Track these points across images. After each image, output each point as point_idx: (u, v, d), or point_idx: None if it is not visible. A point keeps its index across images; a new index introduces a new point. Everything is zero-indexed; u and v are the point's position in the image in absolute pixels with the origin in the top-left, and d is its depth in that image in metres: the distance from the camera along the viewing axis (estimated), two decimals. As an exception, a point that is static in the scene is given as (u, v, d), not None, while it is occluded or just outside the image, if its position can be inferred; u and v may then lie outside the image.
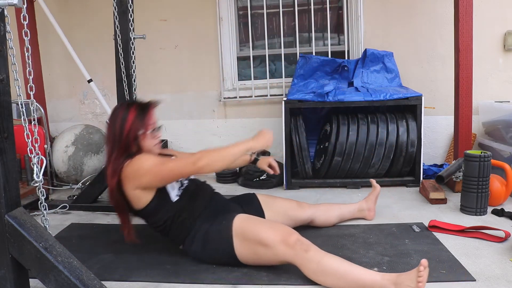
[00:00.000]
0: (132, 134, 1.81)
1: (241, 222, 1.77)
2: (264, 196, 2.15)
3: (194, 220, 1.85)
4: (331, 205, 2.32)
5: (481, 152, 2.35)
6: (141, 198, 1.82)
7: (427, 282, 1.61)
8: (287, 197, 2.25)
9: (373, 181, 2.41)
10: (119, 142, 1.80)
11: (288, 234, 1.66)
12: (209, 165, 1.73)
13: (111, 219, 2.55)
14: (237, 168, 3.42)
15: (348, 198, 2.71)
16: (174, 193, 1.87)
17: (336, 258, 1.63)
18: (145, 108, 1.87)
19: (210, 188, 2.07)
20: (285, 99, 2.97)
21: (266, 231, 1.69)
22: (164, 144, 3.53)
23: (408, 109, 2.98)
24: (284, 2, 3.47)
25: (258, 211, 2.04)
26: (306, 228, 2.22)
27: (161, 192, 1.84)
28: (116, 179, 1.79)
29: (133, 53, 2.56)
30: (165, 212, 1.85)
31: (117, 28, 2.49)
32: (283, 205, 2.13)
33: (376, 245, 1.99)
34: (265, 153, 1.92)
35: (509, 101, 3.15)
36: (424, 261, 1.45)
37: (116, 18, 2.47)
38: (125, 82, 2.54)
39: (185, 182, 1.95)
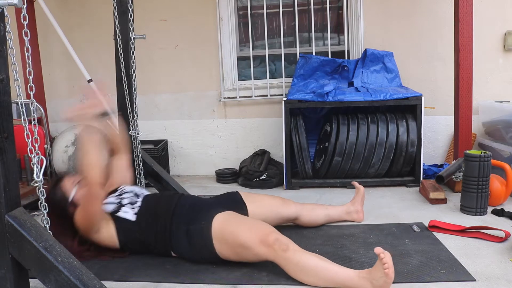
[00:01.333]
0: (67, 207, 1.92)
1: (220, 224, 1.77)
2: (247, 194, 2.13)
3: (170, 225, 1.85)
4: (317, 205, 2.32)
5: (481, 152, 2.35)
6: (105, 237, 1.89)
7: (427, 282, 1.62)
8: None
9: (355, 183, 2.41)
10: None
11: (267, 234, 1.66)
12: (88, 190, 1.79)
13: (111, 219, 2.54)
14: (237, 168, 3.42)
15: (348, 199, 2.69)
16: (130, 214, 1.90)
17: (314, 256, 1.63)
18: (56, 183, 2.00)
19: (173, 193, 2.11)
20: (285, 99, 2.97)
21: (245, 233, 1.69)
22: (164, 143, 3.53)
23: (408, 109, 2.98)
24: (284, 2, 3.47)
25: (241, 210, 2.02)
26: (306, 228, 2.23)
27: (117, 221, 1.89)
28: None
29: (133, 53, 2.56)
30: (134, 232, 1.88)
31: (117, 28, 2.48)
32: (267, 201, 2.12)
33: (376, 245, 1.96)
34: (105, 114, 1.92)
35: (509, 101, 3.15)
36: (377, 249, 1.50)
37: (116, 18, 2.47)
38: (125, 82, 2.53)
39: (138, 200, 1.97)
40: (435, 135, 3.41)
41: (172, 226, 1.85)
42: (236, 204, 2.05)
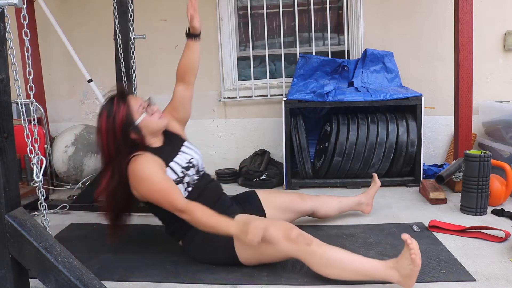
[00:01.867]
0: (127, 126, 1.77)
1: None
2: (264, 193, 2.13)
3: None
4: (331, 197, 2.33)
5: (481, 152, 2.35)
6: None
7: (427, 282, 1.63)
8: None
9: (375, 175, 2.42)
10: (114, 139, 1.76)
11: (290, 230, 1.66)
12: (191, 222, 1.72)
13: (111, 219, 2.55)
14: (237, 168, 3.42)
15: (348, 198, 2.71)
16: (181, 190, 1.83)
17: (338, 249, 1.65)
18: (124, 97, 1.83)
19: (219, 188, 2.06)
20: (285, 99, 2.97)
21: (268, 228, 1.69)
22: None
23: (408, 109, 2.98)
24: (284, 2, 3.47)
25: (258, 210, 2.03)
26: (306, 228, 2.22)
27: None
28: (117, 180, 1.77)
29: (133, 53, 2.56)
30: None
31: (117, 28, 2.49)
32: (284, 200, 2.13)
33: (376, 245, 1.99)
34: None
35: (509, 101, 3.15)
36: (404, 235, 1.52)
37: (116, 18, 2.47)
38: (125, 82, 2.54)
39: (196, 178, 1.91)
40: (435, 135, 3.41)
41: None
42: (253, 203, 2.05)
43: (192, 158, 1.94)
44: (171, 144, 1.93)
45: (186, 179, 1.86)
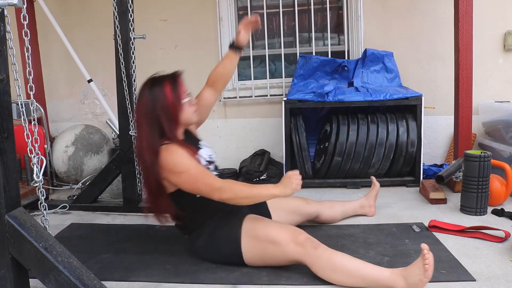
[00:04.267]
0: (175, 107, 1.76)
1: (251, 221, 1.78)
2: None
3: (209, 217, 1.84)
4: (334, 202, 2.37)
5: (481, 152, 2.35)
6: (170, 185, 1.77)
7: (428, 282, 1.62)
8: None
9: (374, 178, 2.45)
10: (158, 118, 1.73)
11: (297, 233, 1.68)
12: (233, 200, 1.70)
13: (111, 219, 2.55)
14: (237, 168, 3.42)
15: (348, 198, 2.70)
16: None
17: (345, 255, 1.65)
18: (175, 78, 1.82)
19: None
20: (285, 99, 2.97)
21: (277, 230, 1.71)
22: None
23: (408, 109, 2.98)
24: (284, 2, 3.47)
25: (265, 213, 2.04)
26: (306, 228, 2.22)
27: None
28: (151, 157, 1.71)
29: (133, 53, 2.56)
30: (185, 203, 1.81)
31: (117, 28, 2.48)
32: (290, 203, 2.15)
33: (376, 245, 1.99)
34: None
35: (509, 101, 3.15)
36: (424, 245, 1.49)
37: (116, 18, 2.47)
38: (125, 82, 2.53)
39: (215, 174, 1.88)
40: (435, 135, 3.41)
41: (210, 219, 1.83)
42: (259, 206, 2.05)
43: (211, 155, 1.96)
44: (190, 140, 1.93)
45: None
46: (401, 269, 1.55)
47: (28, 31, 1.46)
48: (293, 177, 1.71)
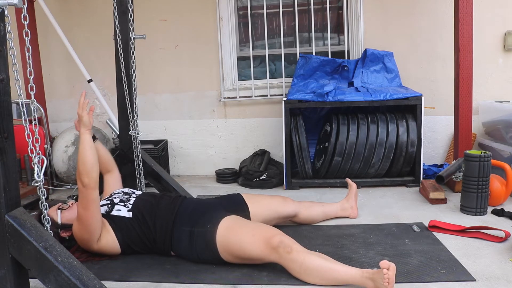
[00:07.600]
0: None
1: (225, 231, 1.78)
2: (249, 195, 2.18)
3: (172, 225, 1.87)
4: (314, 203, 2.41)
5: (481, 152, 2.35)
6: (107, 243, 1.88)
7: (427, 282, 1.63)
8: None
9: (348, 180, 2.48)
10: None
11: (270, 237, 1.69)
12: (82, 176, 1.75)
13: (111, 219, 2.54)
14: (237, 168, 3.42)
15: (348, 198, 2.71)
16: (124, 212, 1.91)
17: (318, 256, 1.66)
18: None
19: (175, 194, 2.14)
20: (285, 99, 2.97)
21: (249, 241, 1.71)
22: (164, 143, 3.53)
23: (408, 109, 2.98)
24: (284, 2, 3.47)
25: (243, 212, 2.05)
26: (306, 229, 2.23)
27: (114, 221, 1.89)
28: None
29: (133, 53, 2.55)
30: (133, 229, 1.89)
31: (117, 28, 2.48)
32: (267, 201, 2.18)
33: (376, 245, 1.99)
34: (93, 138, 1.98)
35: (509, 101, 3.15)
36: (383, 263, 1.49)
37: (116, 18, 2.47)
38: (125, 82, 2.53)
39: (130, 198, 2.00)
40: (435, 135, 3.41)
41: (174, 227, 1.87)
42: (238, 206, 2.08)
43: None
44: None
45: (116, 200, 2.00)
46: (371, 271, 1.57)
47: (29, 31, 1.45)
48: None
